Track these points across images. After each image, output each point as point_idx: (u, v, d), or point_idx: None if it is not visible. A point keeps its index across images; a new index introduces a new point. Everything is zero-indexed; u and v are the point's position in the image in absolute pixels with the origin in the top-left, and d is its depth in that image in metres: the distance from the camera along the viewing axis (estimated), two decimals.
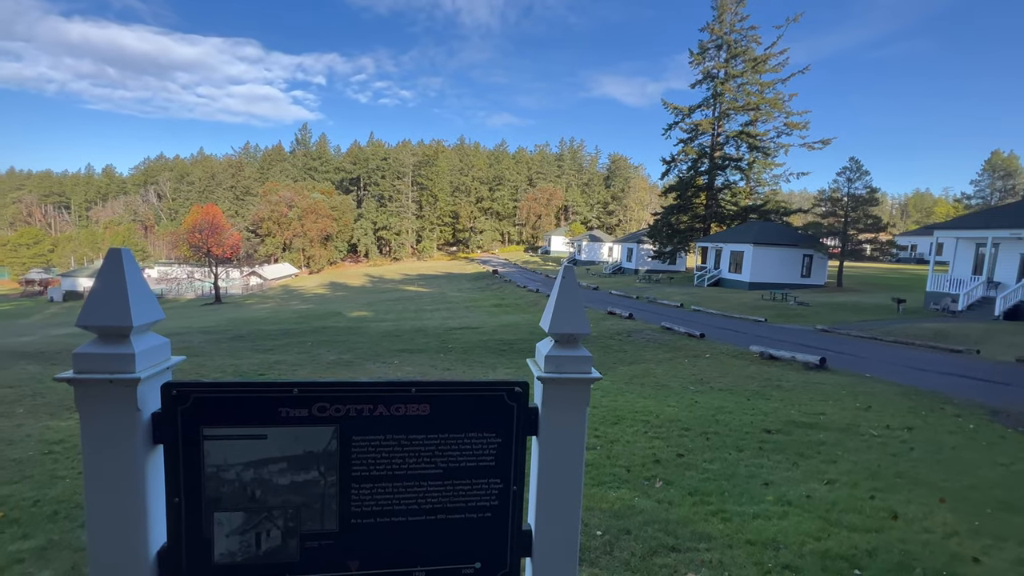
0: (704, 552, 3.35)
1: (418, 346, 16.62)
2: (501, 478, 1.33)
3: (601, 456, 5.40)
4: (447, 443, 1.30)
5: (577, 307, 1.32)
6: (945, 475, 4.93)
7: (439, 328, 21.42)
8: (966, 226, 22.09)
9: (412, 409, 1.27)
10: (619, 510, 3.95)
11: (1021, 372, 10.61)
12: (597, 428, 6.58)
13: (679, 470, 5.04)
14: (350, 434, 1.24)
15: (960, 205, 72.50)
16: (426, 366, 12.60)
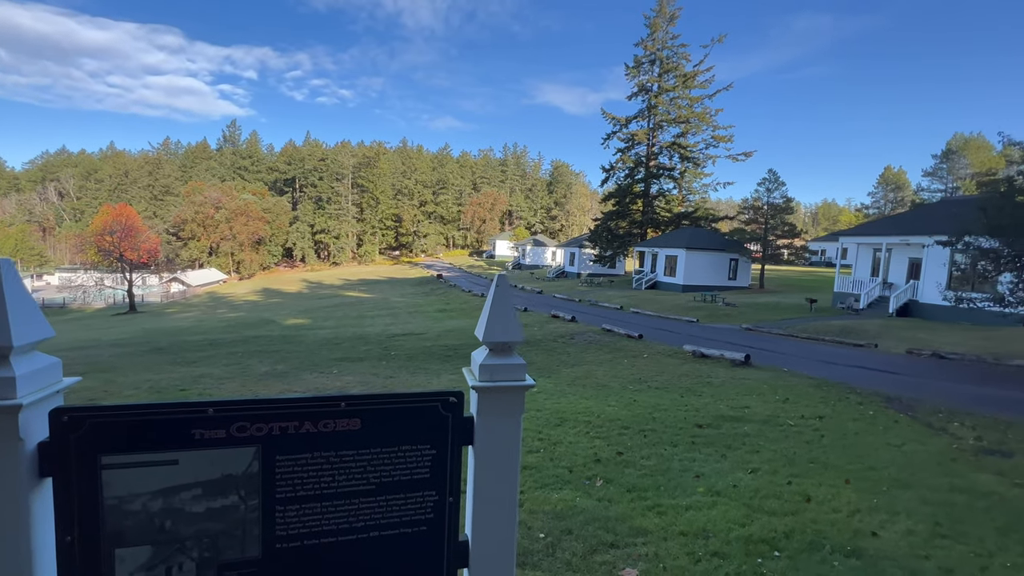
0: (641, 546, 3.48)
1: (359, 354, 16.06)
2: (436, 490, 1.32)
3: (544, 459, 5.48)
4: (380, 458, 1.26)
5: (510, 316, 1.34)
6: (850, 459, 5.46)
7: (381, 335, 20.82)
8: (864, 233, 24.69)
9: (342, 425, 1.23)
10: (561, 511, 4.02)
11: (910, 362, 12.00)
12: (541, 431, 6.67)
13: (618, 468, 5.21)
14: (274, 454, 1.18)
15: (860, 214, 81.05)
16: (367, 375, 12.19)
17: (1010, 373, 10.57)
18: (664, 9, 43.77)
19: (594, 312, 24.46)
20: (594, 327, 18.85)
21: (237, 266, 79.48)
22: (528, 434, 6.52)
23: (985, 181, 12.93)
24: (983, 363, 11.46)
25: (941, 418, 7.09)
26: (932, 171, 68.97)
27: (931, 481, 4.76)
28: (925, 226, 19.95)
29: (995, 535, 3.69)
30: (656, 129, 45.30)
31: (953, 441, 6.10)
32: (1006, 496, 4.46)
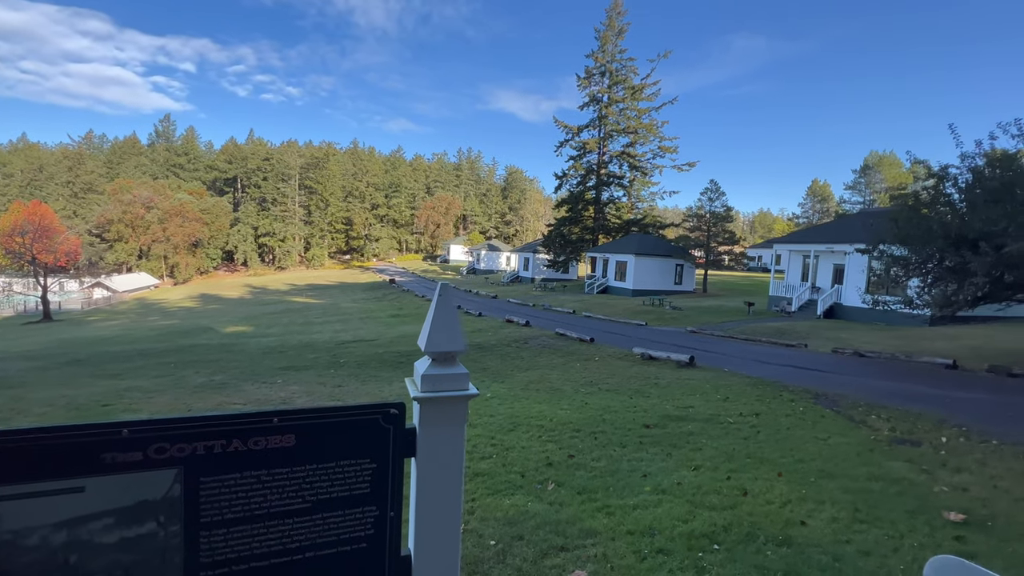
0: (591, 548, 3.55)
1: (306, 362, 15.41)
2: (377, 505, 1.28)
3: (497, 464, 5.47)
4: (316, 474, 1.22)
5: (453, 325, 1.33)
6: (782, 452, 5.82)
7: (330, 342, 20.10)
8: (795, 241, 26.56)
9: (274, 441, 1.17)
10: (513, 516, 4.03)
11: (835, 361, 13.00)
12: (494, 436, 6.65)
13: (570, 471, 5.29)
14: (197, 476, 1.10)
15: (792, 223, 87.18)
16: (314, 384, 11.72)
17: (919, 369, 11.68)
18: (613, 23, 45.34)
19: (548, 316, 24.78)
20: (548, 331, 19.08)
21: (171, 270, 74.23)
22: (481, 440, 6.50)
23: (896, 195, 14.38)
24: (896, 360, 12.60)
25: (861, 411, 7.71)
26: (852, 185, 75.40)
27: (852, 471, 5.16)
28: (846, 235, 21.73)
29: (906, 518, 4.06)
30: (607, 138, 46.71)
31: (871, 433, 6.65)
32: (915, 481, 4.91)
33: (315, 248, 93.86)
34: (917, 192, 12.38)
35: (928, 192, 11.77)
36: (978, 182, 10.54)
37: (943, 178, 11.34)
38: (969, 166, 10.92)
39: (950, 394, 8.89)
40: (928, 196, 11.71)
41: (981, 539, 3.69)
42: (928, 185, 11.85)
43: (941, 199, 11.39)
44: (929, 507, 4.25)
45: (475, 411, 8.27)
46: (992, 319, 18.24)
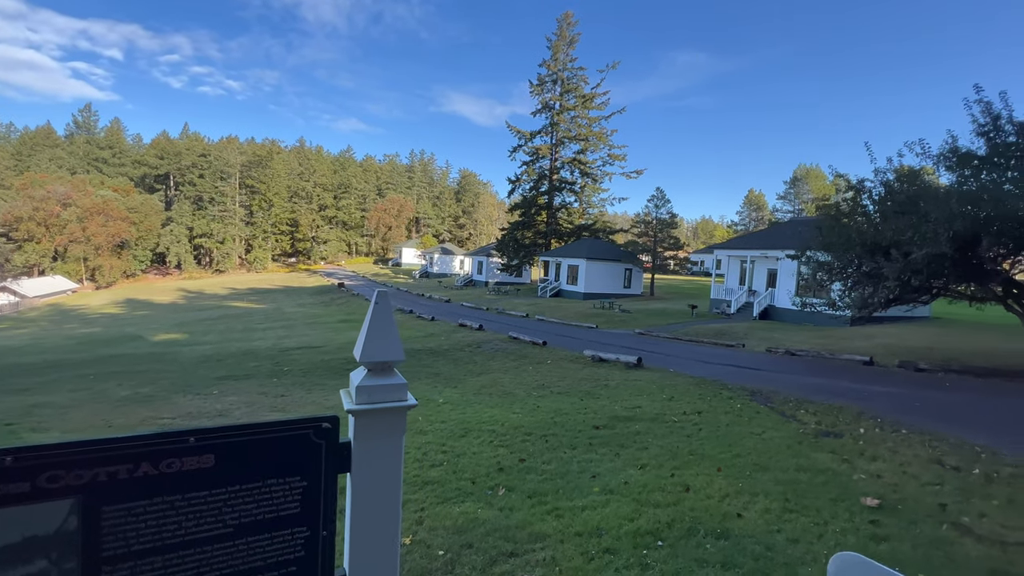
0: (540, 552, 3.56)
1: (246, 371, 14.57)
2: (308, 525, 1.22)
3: (447, 471, 5.39)
4: (239, 496, 1.14)
5: (390, 334, 1.29)
6: (722, 448, 6.12)
7: (273, 349, 19.12)
8: (733, 247, 28.14)
9: (190, 463, 1.08)
10: (462, 525, 3.98)
11: (769, 359, 13.86)
12: (445, 443, 6.56)
13: (521, 475, 5.30)
14: (99, 505, 1.00)
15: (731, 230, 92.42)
16: (254, 394, 11.08)
17: (841, 365, 12.68)
18: (564, 34, 46.35)
19: (501, 320, 24.82)
20: (501, 335, 19.10)
21: (92, 273, 68.00)
22: (432, 447, 6.39)
23: (821, 205, 15.67)
24: (822, 358, 13.62)
25: (791, 407, 8.26)
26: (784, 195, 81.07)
27: (783, 463, 5.50)
28: (778, 242, 23.29)
29: (829, 505, 4.37)
30: (558, 145, 47.58)
31: (800, 426, 7.14)
32: (837, 471, 5.30)
33: (257, 250, 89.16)
34: (838, 203, 13.47)
35: (847, 203, 12.85)
36: (889, 195, 11.62)
37: (860, 191, 12.42)
38: (881, 180, 12.02)
39: (867, 388, 9.70)
40: (848, 207, 12.77)
41: (892, 522, 4.03)
42: (847, 197, 12.93)
43: (859, 210, 12.46)
44: (849, 494, 4.61)
45: (427, 418, 8.13)
46: (902, 319, 20.14)
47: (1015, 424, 7.15)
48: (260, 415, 8.85)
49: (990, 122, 10.24)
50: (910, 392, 9.38)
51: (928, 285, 11.30)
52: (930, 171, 12.02)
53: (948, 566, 3.36)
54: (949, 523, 4.01)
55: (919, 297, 12.08)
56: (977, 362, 12.09)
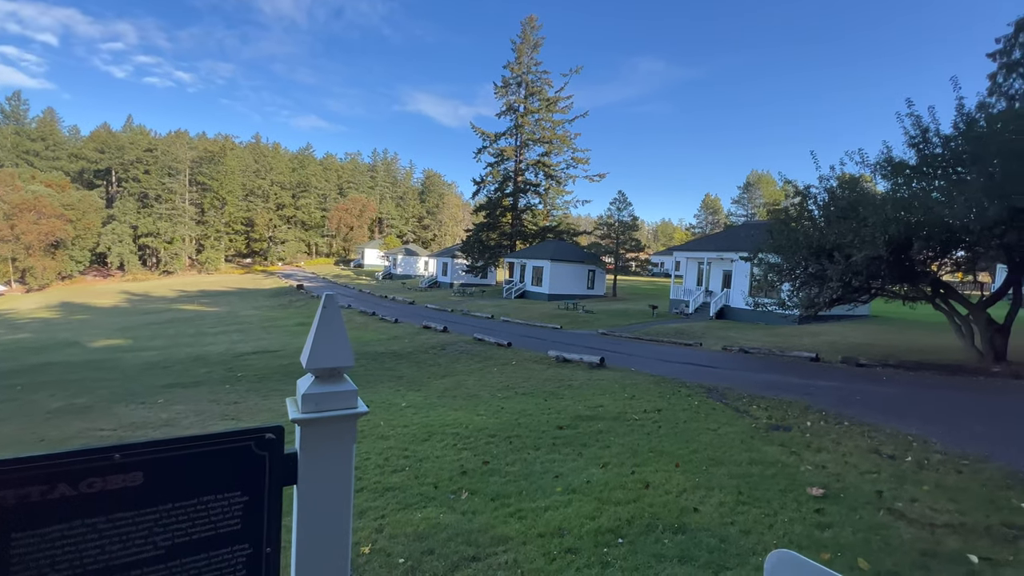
0: (502, 555, 3.55)
1: (195, 378, 13.85)
2: (250, 542, 1.15)
3: (409, 477, 5.29)
4: (171, 515, 1.06)
5: (339, 339, 1.25)
6: (680, 444, 6.30)
7: (226, 354, 18.26)
8: (691, 249, 29.13)
9: (115, 482, 1.00)
10: (424, 531, 3.91)
11: (724, 357, 14.41)
12: (407, 447, 6.45)
13: (484, 478, 5.27)
14: (6, 532, 0.91)
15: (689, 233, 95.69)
16: (205, 402, 10.54)
17: (790, 362, 13.34)
18: (528, 37, 46.72)
19: (466, 322, 24.68)
20: (466, 337, 18.99)
21: (22, 275, 62.85)
22: (394, 452, 6.26)
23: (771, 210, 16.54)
24: (773, 355, 14.28)
25: (745, 402, 8.61)
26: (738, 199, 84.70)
27: (737, 457, 5.72)
28: (733, 244, 24.28)
29: (779, 496, 4.58)
30: (523, 147, 47.86)
31: (752, 421, 7.45)
32: (786, 463, 5.56)
33: (209, 251, 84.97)
34: (787, 208, 14.18)
35: (795, 208, 13.55)
36: (832, 201, 12.34)
37: (806, 196, 13.12)
38: (825, 187, 12.75)
39: (814, 383, 10.25)
40: (795, 212, 13.47)
41: (835, 509, 4.27)
42: (795, 202, 13.63)
43: (805, 214, 13.17)
44: (797, 485, 4.84)
45: (389, 422, 7.97)
46: (844, 318, 21.41)
47: (942, 414, 7.72)
48: (210, 424, 8.43)
49: (920, 134, 11.05)
50: (852, 386, 9.97)
51: (867, 285, 12.06)
52: (868, 179, 12.84)
53: (884, 550, 3.59)
54: (885, 509, 4.28)
55: (859, 297, 12.87)
56: (910, 357, 13.00)
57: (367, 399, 10.10)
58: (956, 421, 7.24)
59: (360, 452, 6.34)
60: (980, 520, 4.03)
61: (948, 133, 10.75)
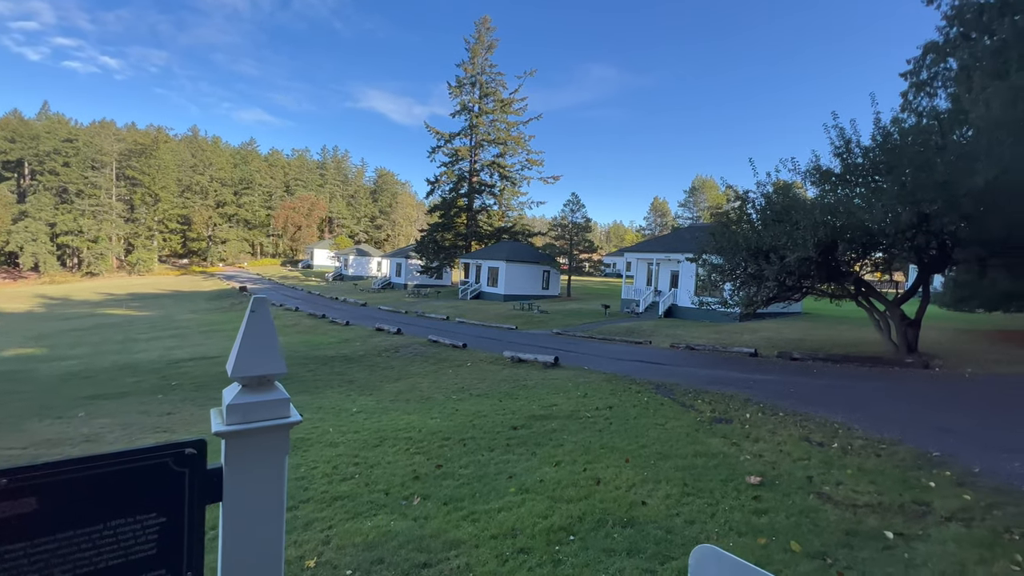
0: (454, 559, 3.51)
1: (123, 388, 12.83)
2: (168, 567, 1.06)
3: (359, 484, 5.14)
4: (73, 544, 0.96)
5: (269, 344, 1.18)
6: (630, 440, 6.49)
7: (160, 361, 17.03)
8: (641, 250, 30.13)
9: (3, 509, 0.90)
10: (373, 540, 3.80)
11: (672, 354, 15.00)
12: (358, 454, 6.26)
13: (437, 481, 5.20)
14: None
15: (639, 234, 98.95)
16: (133, 414, 9.77)
17: (732, 357, 14.07)
18: (482, 38, 46.69)
19: (420, 323, 24.30)
20: (420, 339, 18.70)
21: None
22: (343, 460, 6.06)
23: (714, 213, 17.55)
24: (717, 351, 15.02)
25: (690, 397, 8.99)
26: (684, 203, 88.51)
27: (682, 450, 5.96)
28: (680, 246, 25.33)
29: (720, 486, 4.80)
30: (478, 148, 47.77)
31: (697, 415, 7.79)
32: (728, 454, 5.85)
33: (140, 250, 78.96)
34: (728, 212, 14.96)
35: (735, 212, 14.31)
36: (768, 205, 13.14)
37: (745, 201, 13.90)
38: (762, 192, 13.56)
39: (753, 377, 10.86)
40: (735, 215, 14.23)
41: (771, 495, 4.53)
42: (736, 206, 14.40)
43: (744, 218, 13.94)
44: (737, 475, 5.10)
45: (338, 428, 7.70)
46: (780, 315, 22.86)
47: (863, 402, 8.40)
48: (139, 439, 7.82)
49: (843, 145, 11.98)
50: (786, 379, 10.65)
51: (799, 285, 12.93)
52: (799, 185, 13.77)
53: (814, 531, 3.84)
54: (815, 493, 4.59)
55: (793, 295, 13.77)
56: (837, 350, 14.06)
57: (316, 405, 9.73)
58: (875, 408, 7.89)
59: (308, 461, 6.08)
60: (895, 499, 4.41)
61: (867, 144, 11.72)
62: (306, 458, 6.18)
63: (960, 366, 11.55)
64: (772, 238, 11.85)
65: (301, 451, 6.53)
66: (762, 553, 3.50)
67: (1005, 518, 3.98)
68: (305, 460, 6.10)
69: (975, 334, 17.00)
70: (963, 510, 4.14)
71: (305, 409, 9.48)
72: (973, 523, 3.91)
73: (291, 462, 6.05)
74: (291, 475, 5.53)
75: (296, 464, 5.90)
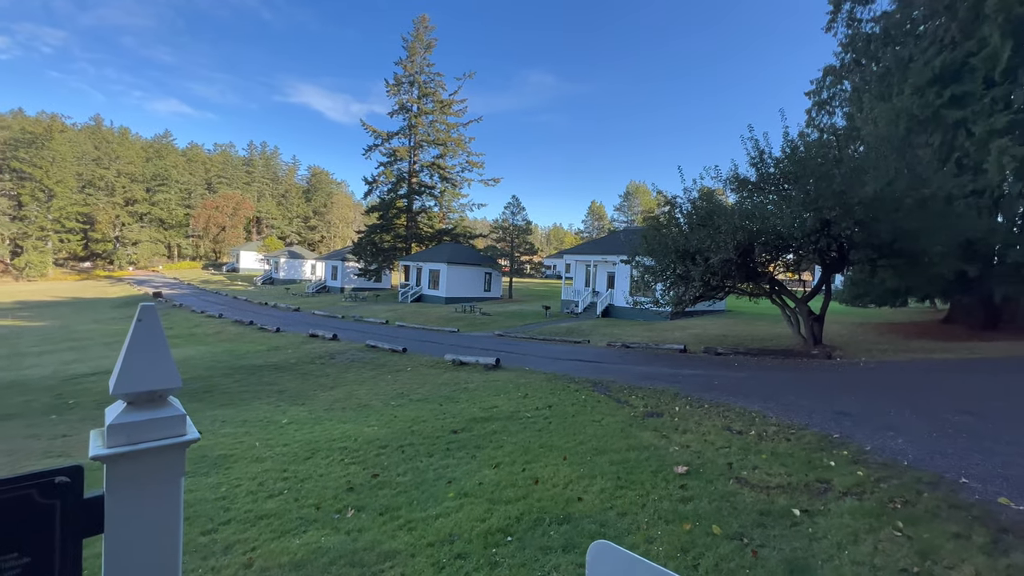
0: (389, 571, 3.41)
1: (8, 409, 11.30)
2: None
3: (288, 501, 4.86)
4: None
5: (159, 355, 1.08)
6: (568, 438, 6.64)
7: (54, 377, 15.17)
8: (580, 252, 31.02)
9: None
10: (302, 558, 3.61)
11: (609, 352, 15.56)
12: (287, 468, 5.92)
13: (373, 491, 5.03)
14: None
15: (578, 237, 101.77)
16: (20, 438, 8.62)
17: (663, 354, 14.83)
18: (421, 36, 46.02)
19: (358, 328, 23.46)
20: (357, 344, 18.05)
21: None
22: (270, 475, 5.70)
23: (646, 217, 18.54)
24: (650, 348, 15.76)
25: (625, 393, 9.36)
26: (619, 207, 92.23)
27: (616, 445, 6.19)
28: (615, 248, 26.36)
29: (651, 478, 5.03)
30: (417, 148, 46.98)
31: (631, 410, 8.12)
32: (658, 446, 6.15)
33: (32, 253, 69.96)
34: (659, 216, 15.78)
35: (665, 216, 15.13)
36: (693, 210, 14.01)
37: (674, 206, 14.73)
38: (688, 198, 14.43)
39: (682, 372, 11.51)
40: (665, 219, 15.04)
41: (695, 483, 4.81)
42: (665, 211, 15.22)
43: (673, 222, 14.77)
44: (666, 466, 5.37)
45: (266, 442, 7.24)
46: (707, 313, 24.42)
47: (777, 391, 9.16)
48: (26, 465, 6.90)
49: (758, 156, 13.04)
50: (711, 372, 11.39)
51: (723, 284, 13.88)
52: (721, 192, 14.80)
53: (733, 514, 4.13)
54: (734, 478, 4.94)
55: (717, 294, 14.76)
56: (755, 345, 15.24)
57: (241, 418, 9.10)
58: (786, 397, 8.63)
59: (230, 479, 5.67)
60: (802, 479, 4.84)
61: (778, 156, 12.82)
62: (228, 476, 5.76)
63: (856, 355, 12.93)
64: (698, 241, 12.63)
65: (223, 468, 6.07)
66: (687, 538, 3.70)
67: (890, 490, 4.49)
68: (227, 478, 5.67)
69: (868, 326, 19.11)
70: (857, 485, 4.63)
71: (229, 423, 8.83)
72: (864, 496, 4.38)
73: (211, 481, 5.60)
74: (211, 495, 5.13)
75: (216, 483, 5.48)
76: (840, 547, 3.53)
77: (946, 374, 10.63)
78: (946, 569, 3.21)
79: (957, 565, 3.24)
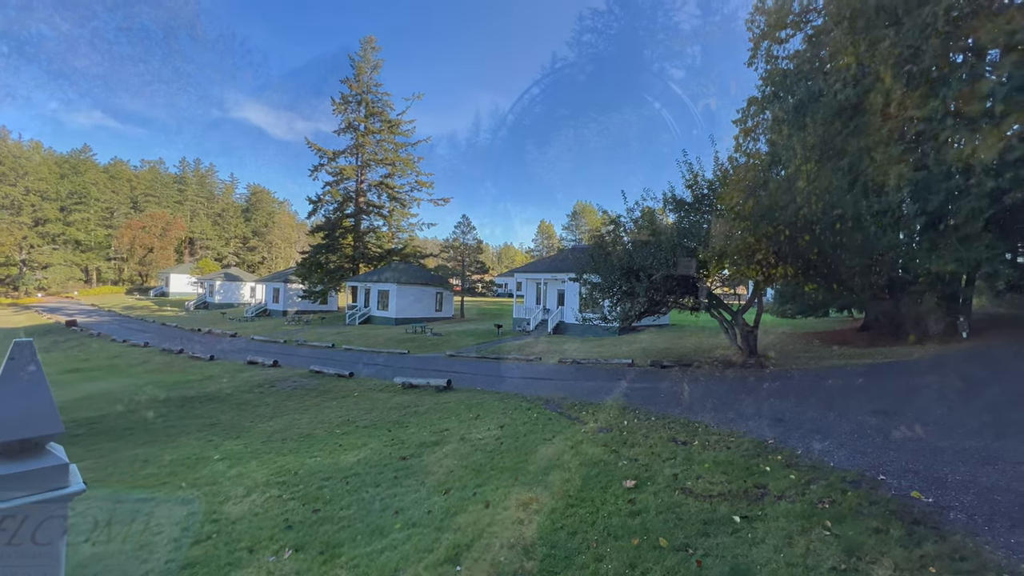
0: None
1: None
2: None
3: (216, 546, 4.46)
4: None
5: (37, 397, 0.96)
6: (519, 458, 6.58)
7: None
8: (530, 271, 31.40)
9: None
10: None
11: (560, 369, 15.71)
12: (215, 511, 5.46)
13: (313, 528, 4.73)
14: None
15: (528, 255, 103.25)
16: None
17: (613, 369, 15.16)
18: (368, 56, 45.79)
19: (302, 353, 22.35)
20: (300, 370, 17.16)
21: None
22: (197, 519, 5.23)
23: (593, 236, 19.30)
24: (599, 364, 16.07)
25: (576, 410, 9.45)
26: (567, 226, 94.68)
27: (568, 462, 6.20)
28: (564, 266, 26.93)
29: (601, 493, 5.07)
30: (365, 167, 46.19)
31: (582, 426, 8.19)
32: (608, 461, 6.22)
33: None
34: (604, 235, 16.32)
35: (610, 235, 15.67)
36: (637, 229, 14.61)
37: (618, 225, 15.31)
38: (632, 217, 15.06)
39: (631, 386, 11.80)
40: (610, 238, 15.58)
41: (643, 497, 4.90)
42: (610, 230, 15.77)
43: (618, 240, 15.32)
44: (615, 480, 5.43)
45: (193, 483, 6.66)
46: (652, 327, 25.31)
47: (718, 402, 9.58)
48: None
49: (692, 178, 13.86)
50: (658, 385, 11.75)
51: (665, 299, 14.47)
52: (661, 212, 15.56)
53: (678, 525, 4.22)
54: (679, 489, 5.07)
55: (660, 309, 15.36)
56: (697, 356, 15.93)
57: (165, 458, 8.33)
58: (726, 406, 9.04)
59: (149, 527, 5.14)
60: (741, 486, 5.05)
61: (710, 178, 13.69)
62: (148, 523, 5.22)
63: (787, 364, 13.81)
64: (641, 258, 13.15)
65: (142, 515, 5.50)
66: (635, 553, 3.74)
67: (819, 491, 4.77)
68: (146, 525, 5.14)
69: (796, 335, 20.54)
70: (789, 488, 4.88)
71: (151, 463, 8.06)
72: (796, 499, 4.62)
73: (126, 531, 5.05)
74: (126, 546, 4.62)
75: (133, 532, 4.95)
76: (777, 550, 3.69)
77: (862, 378, 11.57)
78: (869, 564, 3.43)
79: (878, 559, 3.47)
